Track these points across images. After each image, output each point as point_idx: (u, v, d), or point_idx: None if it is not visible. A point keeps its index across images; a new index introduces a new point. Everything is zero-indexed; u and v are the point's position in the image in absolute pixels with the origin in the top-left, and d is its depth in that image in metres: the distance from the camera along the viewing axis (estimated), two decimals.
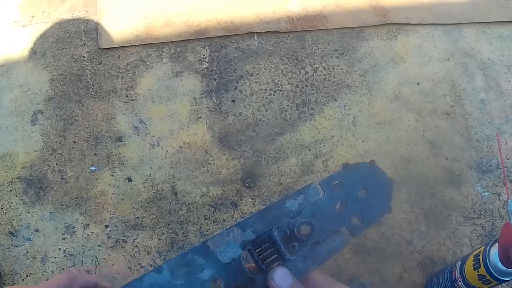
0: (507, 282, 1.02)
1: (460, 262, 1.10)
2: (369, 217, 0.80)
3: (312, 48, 1.55)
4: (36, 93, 1.45)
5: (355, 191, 0.81)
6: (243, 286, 0.74)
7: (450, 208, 1.36)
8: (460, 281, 1.07)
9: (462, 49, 1.60)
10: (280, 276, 0.72)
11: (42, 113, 1.42)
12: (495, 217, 1.35)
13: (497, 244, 1.01)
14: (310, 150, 1.40)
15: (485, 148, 1.44)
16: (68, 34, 1.55)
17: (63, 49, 1.52)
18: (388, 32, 1.61)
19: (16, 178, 1.34)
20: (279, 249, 0.75)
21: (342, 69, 1.53)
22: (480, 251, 1.04)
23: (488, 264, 1.00)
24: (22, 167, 1.36)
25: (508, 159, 1.44)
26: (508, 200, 1.08)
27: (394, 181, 0.84)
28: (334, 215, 0.79)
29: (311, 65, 1.53)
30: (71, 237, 1.26)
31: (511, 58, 1.62)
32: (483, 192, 1.38)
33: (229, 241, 0.76)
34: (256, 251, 0.76)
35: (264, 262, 0.75)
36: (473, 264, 1.05)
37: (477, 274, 1.03)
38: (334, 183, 0.81)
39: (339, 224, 0.79)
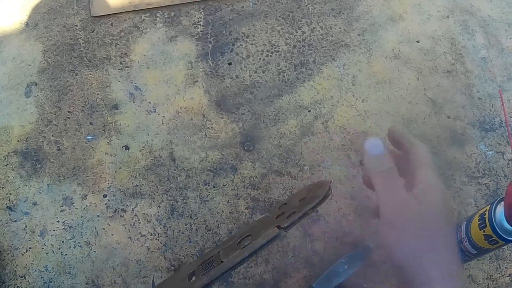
0: None
1: (465, 223, 1.09)
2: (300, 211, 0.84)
3: (309, 8, 1.53)
4: (29, 65, 1.43)
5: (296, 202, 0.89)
6: None
7: (454, 167, 1.34)
8: (466, 242, 1.05)
9: (462, 6, 1.57)
10: (372, 144, 0.81)
11: (36, 84, 1.40)
12: (499, 176, 1.33)
13: (502, 203, 0.99)
14: (309, 111, 1.38)
15: (487, 106, 1.42)
16: (59, 4, 1.52)
17: (55, 19, 1.49)
18: None
19: (12, 152, 1.32)
20: (218, 260, 0.85)
21: (339, 28, 1.51)
22: (485, 211, 1.02)
23: (494, 223, 0.98)
24: (18, 140, 1.34)
25: (511, 117, 1.41)
26: None
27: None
28: (272, 223, 0.86)
29: (308, 25, 1.50)
30: (70, 209, 1.25)
31: (511, 15, 1.59)
32: (487, 151, 1.36)
33: None
34: (200, 267, 0.88)
35: (202, 273, 0.85)
36: (478, 224, 1.03)
37: (483, 234, 1.01)
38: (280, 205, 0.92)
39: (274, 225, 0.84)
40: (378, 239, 0.80)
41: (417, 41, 1.50)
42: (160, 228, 1.23)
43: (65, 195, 1.26)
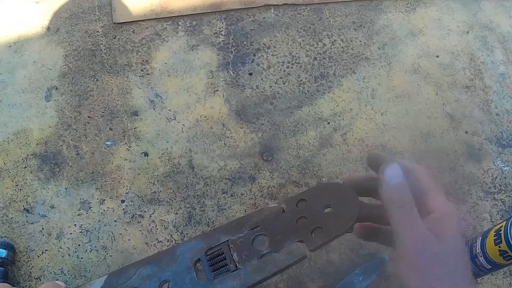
0: None
1: (480, 238, 1.08)
2: (329, 231, 0.78)
3: (330, 20, 1.53)
4: (50, 69, 1.43)
5: (319, 207, 0.81)
6: None
7: (470, 182, 1.34)
8: (481, 257, 1.05)
9: (481, 22, 1.58)
10: (392, 171, 0.73)
11: (56, 89, 1.40)
12: None
13: None
14: (328, 123, 1.38)
15: (505, 122, 1.42)
16: (81, 9, 1.53)
17: (77, 24, 1.50)
18: (407, 4, 1.59)
19: (31, 155, 1.33)
20: (230, 259, 0.78)
21: (360, 41, 1.51)
22: (501, 226, 1.02)
23: (510, 239, 0.98)
24: (37, 144, 1.34)
25: None
26: None
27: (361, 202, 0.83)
28: (292, 229, 0.80)
29: (329, 38, 1.51)
30: (87, 213, 1.25)
31: None
32: (504, 166, 1.36)
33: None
34: (209, 260, 0.79)
35: (213, 272, 0.77)
36: (494, 239, 1.02)
37: (498, 250, 1.01)
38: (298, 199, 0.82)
39: (296, 237, 0.79)
40: (399, 282, 0.76)
41: (437, 56, 1.51)
42: (177, 235, 1.23)
43: (83, 199, 1.26)
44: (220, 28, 1.50)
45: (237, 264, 0.77)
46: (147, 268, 0.78)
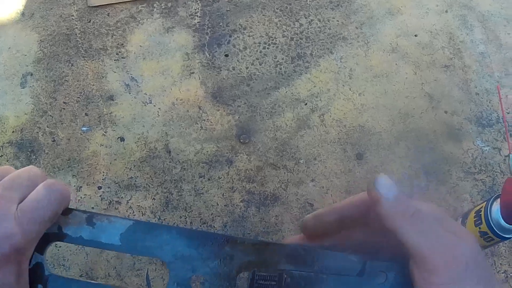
0: (508, 240, 1.00)
1: (461, 219, 1.08)
2: None
3: (307, 0, 1.52)
4: (25, 55, 1.42)
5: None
6: None
7: (450, 163, 1.33)
8: None
9: (460, 1, 1.57)
10: (385, 185, 0.64)
11: (31, 75, 1.39)
12: (496, 172, 1.32)
13: (499, 200, 0.99)
14: (306, 104, 1.37)
15: (484, 102, 1.41)
16: None
17: (51, 9, 1.48)
18: None
19: (7, 143, 1.32)
20: None
21: (337, 21, 1.50)
22: (481, 207, 1.02)
23: (490, 220, 0.98)
24: (13, 131, 1.33)
25: (508, 113, 1.41)
26: (510, 155, 1.06)
27: None
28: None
29: (305, 18, 1.49)
30: None
31: (510, 10, 1.58)
32: (484, 146, 1.35)
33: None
34: (259, 280, 0.66)
35: None
36: (474, 221, 1.02)
37: (479, 231, 1.01)
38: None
39: None
40: None
41: (415, 35, 1.50)
42: (155, 221, 1.22)
43: None
44: (195, 10, 1.49)
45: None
46: (183, 244, 0.65)
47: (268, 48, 1.44)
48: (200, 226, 1.22)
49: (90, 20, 1.46)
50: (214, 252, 0.65)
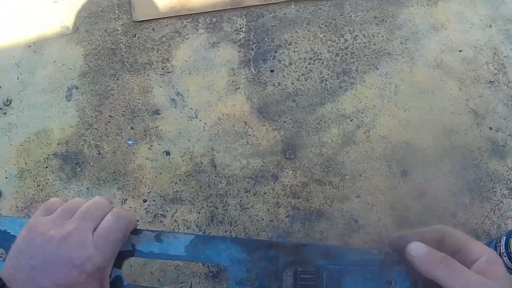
0: None
1: (505, 237, 1.07)
2: None
3: (351, 15, 1.52)
4: (70, 69, 1.43)
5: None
6: None
7: (495, 180, 1.32)
8: (505, 257, 1.04)
9: (504, 15, 1.56)
10: (415, 249, 0.73)
11: (76, 88, 1.40)
12: None
13: None
14: (351, 120, 1.37)
15: None
16: (101, 8, 1.52)
17: (96, 23, 1.49)
18: None
19: (52, 155, 1.33)
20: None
21: (382, 36, 1.50)
22: None
23: None
24: (58, 143, 1.34)
25: None
26: None
27: None
28: None
29: (350, 33, 1.49)
30: None
31: None
32: None
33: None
34: (299, 280, 0.77)
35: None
36: None
37: None
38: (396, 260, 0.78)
39: None
40: None
41: (460, 51, 1.49)
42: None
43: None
44: (240, 25, 1.49)
45: None
46: (238, 250, 0.77)
47: (313, 64, 1.44)
48: None
49: (135, 35, 1.47)
50: (263, 255, 0.77)
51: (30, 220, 0.72)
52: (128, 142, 1.33)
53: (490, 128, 1.38)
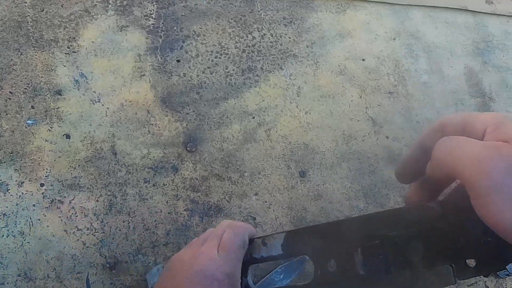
0: None
1: None
2: (483, 267, 0.69)
3: (261, 13, 1.53)
4: None
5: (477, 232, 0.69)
6: None
7: (389, 187, 1.37)
8: None
9: (408, 30, 1.61)
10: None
11: None
12: None
13: None
14: (253, 118, 1.39)
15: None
16: None
17: None
18: (338, 5, 1.61)
19: None
20: (385, 259, 0.71)
21: (289, 38, 1.52)
22: None
23: None
24: None
25: None
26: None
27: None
28: (448, 247, 0.70)
29: (259, 31, 1.51)
30: (5, 195, 1.21)
31: (454, 44, 1.64)
32: None
33: None
34: (368, 255, 0.75)
35: (368, 270, 0.74)
36: None
37: None
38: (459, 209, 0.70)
39: (449, 260, 0.70)
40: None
41: (363, 59, 1.53)
42: (97, 224, 1.21)
43: (1, 180, 1.22)
44: (151, 11, 1.48)
45: (391, 268, 0.70)
46: (319, 239, 0.80)
47: (220, 58, 1.45)
48: (143, 232, 1.22)
49: (43, 9, 1.43)
50: (335, 239, 0.78)
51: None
52: (28, 121, 1.29)
53: (387, 137, 1.43)
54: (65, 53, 1.38)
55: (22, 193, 1.22)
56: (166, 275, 0.89)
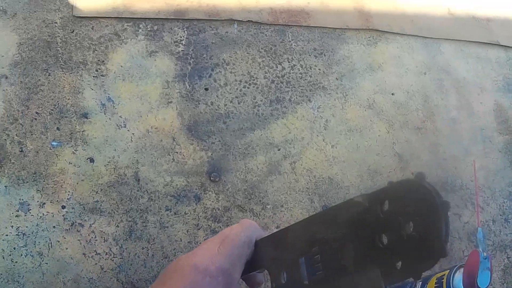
0: None
1: (421, 282, 1.10)
2: (411, 268, 0.66)
3: (292, 44, 1.53)
4: (2, 56, 1.39)
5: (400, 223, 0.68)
6: None
7: None
8: None
9: (439, 65, 1.60)
10: None
11: (6, 78, 1.36)
12: (453, 237, 1.35)
13: (462, 269, 1.01)
14: (279, 150, 1.38)
15: (451, 168, 1.45)
16: None
17: (35, 11, 1.45)
18: (369, 37, 1.60)
19: None
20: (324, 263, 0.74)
21: (319, 69, 1.51)
22: (444, 274, 1.04)
23: None
24: None
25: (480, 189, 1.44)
26: (479, 228, 1.08)
27: (449, 204, 0.64)
28: (377, 249, 0.69)
29: (288, 62, 1.50)
30: (25, 215, 1.21)
31: (485, 79, 1.63)
32: None
33: None
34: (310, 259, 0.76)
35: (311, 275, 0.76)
36: (435, 286, 1.04)
37: None
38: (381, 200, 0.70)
39: (378, 262, 0.69)
40: None
41: (392, 94, 1.52)
42: (116, 249, 1.21)
43: (22, 200, 1.22)
44: (181, 37, 1.48)
45: (330, 277, 0.73)
46: (272, 250, 0.82)
47: (248, 88, 1.44)
48: (162, 260, 1.21)
49: (73, 31, 1.44)
50: (285, 247, 0.81)
51: None
52: (53, 143, 1.30)
53: (413, 173, 1.41)
54: (93, 76, 1.38)
55: (43, 214, 1.22)
56: (164, 270, 0.83)
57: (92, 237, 1.22)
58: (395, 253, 0.66)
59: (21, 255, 1.17)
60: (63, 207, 1.23)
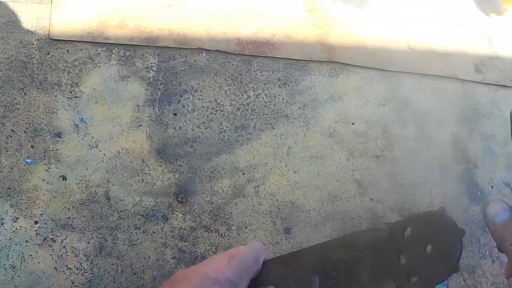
0: None
1: None
2: (425, 280, 0.73)
3: (257, 73, 1.58)
4: None
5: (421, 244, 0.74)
6: None
7: None
8: None
9: (399, 97, 1.67)
10: (496, 210, 0.70)
11: None
12: None
13: None
14: (243, 174, 1.44)
15: (408, 194, 1.51)
16: (20, 18, 1.52)
17: (13, 32, 1.48)
18: (331, 69, 1.66)
19: None
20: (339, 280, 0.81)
21: (283, 99, 1.57)
22: None
23: None
24: None
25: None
26: None
27: (464, 231, 0.71)
28: (393, 265, 0.76)
29: (254, 90, 1.56)
30: None
31: (443, 111, 1.70)
32: None
33: None
34: (324, 276, 0.84)
35: None
36: None
37: None
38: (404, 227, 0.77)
39: (393, 277, 0.75)
40: None
41: (353, 123, 1.58)
42: (87, 264, 1.25)
43: None
44: (152, 63, 1.53)
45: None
46: (282, 268, 0.89)
47: (215, 114, 1.49)
48: (131, 276, 1.26)
49: (49, 53, 1.48)
50: (297, 266, 0.90)
51: None
52: (27, 160, 1.33)
53: (371, 199, 1.48)
54: (67, 97, 1.42)
55: (17, 228, 1.25)
56: (171, 278, 0.93)
57: (63, 252, 1.26)
58: (412, 269, 0.73)
59: None
60: (36, 222, 1.27)
